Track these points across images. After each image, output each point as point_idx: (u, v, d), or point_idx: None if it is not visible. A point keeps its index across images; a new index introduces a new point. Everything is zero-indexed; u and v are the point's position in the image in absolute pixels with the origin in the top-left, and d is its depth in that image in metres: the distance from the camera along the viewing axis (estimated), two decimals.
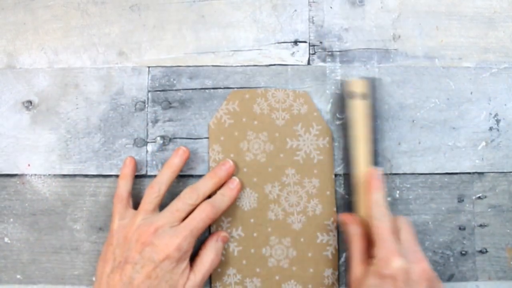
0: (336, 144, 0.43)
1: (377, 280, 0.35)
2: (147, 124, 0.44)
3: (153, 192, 0.39)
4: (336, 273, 0.42)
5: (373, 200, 0.38)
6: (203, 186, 0.40)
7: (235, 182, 0.41)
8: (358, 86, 0.41)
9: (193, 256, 0.40)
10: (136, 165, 0.42)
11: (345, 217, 0.40)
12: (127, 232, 0.38)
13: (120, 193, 0.40)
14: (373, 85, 0.42)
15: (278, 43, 0.44)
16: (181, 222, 0.38)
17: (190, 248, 0.38)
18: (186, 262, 0.38)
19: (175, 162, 0.40)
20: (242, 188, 0.42)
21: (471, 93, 0.44)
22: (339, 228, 0.42)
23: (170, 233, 0.37)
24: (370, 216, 0.38)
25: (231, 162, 0.42)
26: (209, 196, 0.40)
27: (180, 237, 0.37)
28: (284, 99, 0.43)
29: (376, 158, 0.41)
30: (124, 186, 0.40)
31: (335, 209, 0.42)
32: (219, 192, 0.40)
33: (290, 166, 0.42)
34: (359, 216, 0.40)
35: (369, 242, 0.38)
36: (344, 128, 0.42)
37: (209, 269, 0.39)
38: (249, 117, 0.43)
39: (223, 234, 0.41)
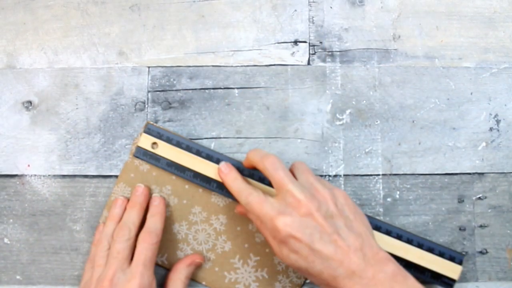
0: (336, 144, 0.43)
1: (284, 246, 0.35)
2: None
3: (102, 247, 0.39)
4: None
5: (231, 191, 0.39)
6: (129, 218, 0.39)
7: (156, 199, 0.41)
8: (149, 138, 0.42)
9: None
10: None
11: (239, 208, 0.40)
12: None
13: (92, 256, 0.40)
14: (155, 128, 0.42)
15: (278, 43, 0.44)
16: (129, 262, 0.37)
17: (151, 279, 0.37)
18: None
19: (116, 212, 0.41)
20: (164, 201, 0.42)
21: (471, 93, 0.44)
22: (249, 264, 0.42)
23: (126, 277, 0.36)
24: (241, 203, 0.38)
25: (142, 185, 0.42)
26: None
27: (137, 276, 0.36)
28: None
29: (214, 160, 0.41)
30: (94, 250, 0.41)
31: (246, 245, 0.42)
32: (148, 216, 0.40)
33: (196, 204, 0.42)
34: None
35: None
36: (176, 169, 0.41)
37: None
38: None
39: (197, 260, 0.41)
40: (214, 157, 0.41)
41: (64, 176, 0.43)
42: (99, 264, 0.38)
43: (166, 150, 0.42)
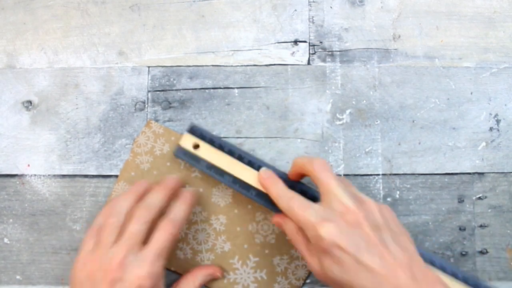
0: (336, 144, 0.43)
1: (326, 257, 0.33)
2: None
3: (112, 223, 0.36)
4: None
5: (273, 197, 0.37)
6: (154, 199, 0.37)
7: (188, 192, 0.39)
8: (192, 138, 0.41)
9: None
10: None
11: (276, 218, 0.38)
12: (90, 271, 0.34)
13: (94, 227, 0.37)
14: (198, 129, 0.41)
15: (278, 43, 0.44)
16: (142, 245, 0.35)
17: (161, 271, 0.35)
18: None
19: (136, 189, 0.39)
20: (196, 197, 0.40)
21: (471, 93, 0.44)
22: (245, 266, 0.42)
23: (137, 261, 0.34)
24: (284, 210, 0.36)
25: (176, 177, 0.40)
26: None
27: (148, 263, 0.34)
28: (145, 142, 0.43)
29: (258, 166, 0.40)
30: (99, 222, 0.38)
31: (246, 246, 0.42)
32: (174, 205, 0.38)
33: (196, 204, 0.42)
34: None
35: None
36: (216, 173, 0.40)
37: None
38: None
39: (217, 273, 0.40)
40: (256, 164, 0.40)
41: (64, 176, 0.43)
42: (108, 240, 0.35)
43: (207, 152, 0.40)
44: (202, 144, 0.41)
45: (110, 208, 0.37)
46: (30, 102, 0.44)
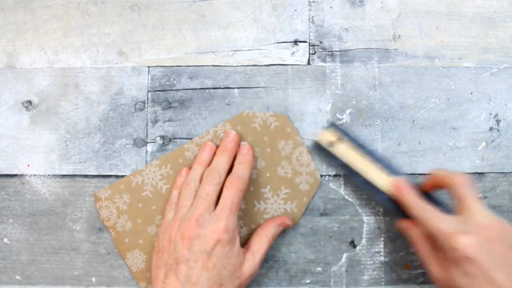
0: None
1: (457, 267, 0.34)
2: (147, 124, 0.44)
3: (189, 189, 0.39)
4: None
5: (407, 207, 0.38)
6: (219, 163, 0.40)
7: (245, 147, 0.41)
8: (330, 135, 0.42)
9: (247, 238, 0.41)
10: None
11: (402, 224, 0.40)
12: (169, 235, 0.37)
13: (173, 198, 0.41)
14: (338, 128, 0.42)
15: (278, 43, 0.44)
16: (215, 205, 0.38)
17: (235, 226, 0.38)
18: (237, 243, 0.38)
19: (204, 157, 0.41)
20: (252, 150, 0.42)
21: (471, 93, 0.44)
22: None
23: (212, 219, 0.37)
24: (417, 218, 0.37)
25: (233, 132, 0.42)
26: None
27: (223, 218, 0.37)
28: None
29: (389, 172, 0.41)
30: (177, 193, 0.41)
31: (268, 174, 0.43)
32: (236, 163, 0.40)
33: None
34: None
35: (433, 239, 0.37)
36: (348, 172, 0.42)
37: (265, 250, 0.39)
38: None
39: (287, 222, 0.41)
40: (390, 170, 0.41)
41: (64, 176, 0.43)
42: (185, 204, 0.38)
43: (343, 151, 0.41)
44: (339, 142, 0.42)
45: (180, 179, 0.41)
46: (30, 102, 0.44)
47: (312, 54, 0.44)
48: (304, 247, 0.43)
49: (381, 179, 0.41)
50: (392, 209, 0.40)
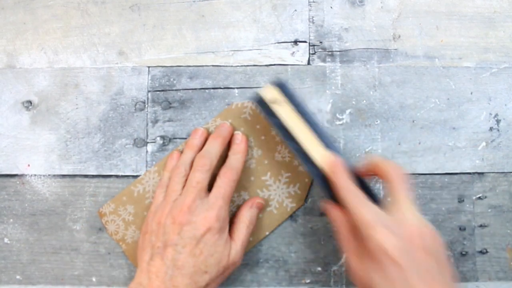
0: (336, 144, 0.43)
1: (371, 261, 0.33)
2: (147, 124, 0.44)
3: (179, 173, 0.39)
4: None
5: (336, 186, 0.36)
6: (211, 148, 0.40)
7: (239, 137, 0.41)
8: (275, 93, 0.39)
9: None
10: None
11: (327, 205, 0.38)
12: (159, 218, 0.37)
13: (164, 181, 0.40)
14: (286, 87, 0.40)
15: (278, 43, 0.44)
16: (206, 192, 0.38)
17: (226, 216, 0.38)
18: (226, 232, 0.38)
19: (195, 142, 0.41)
20: (247, 140, 0.42)
21: (471, 93, 0.44)
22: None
23: (204, 206, 0.37)
24: (344, 201, 0.35)
25: (227, 123, 0.42)
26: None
27: (215, 207, 0.37)
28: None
29: (325, 145, 0.38)
30: (168, 176, 0.41)
31: (266, 161, 0.42)
32: (230, 154, 0.40)
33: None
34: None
35: (356, 228, 0.35)
36: (285, 135, 0.39)
37: (246, 236, 0.39)
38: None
39: (258, 200, 0.41)
40: (328, 145, 0.38)
41: (64, 176, 0.43)
42: (175, 189, 0.38)
43: (286, 112, 0.39)
44: (283, 102, 0.39)
45: (171, 161, 0.41)
46: (30, 102, 0.44)
47: (312, 54, 0.44)
48: (304, 247, 0.43)
49: (316, 152, 0.38)
50: (321, 185, 0.38)
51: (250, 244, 0.42)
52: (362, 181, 0.37)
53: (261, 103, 0.39)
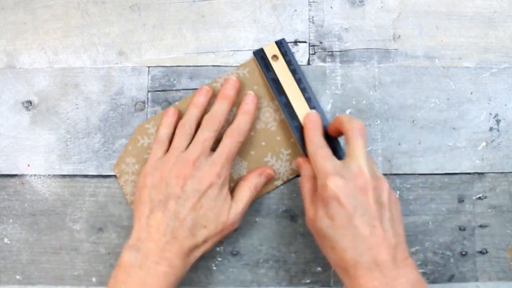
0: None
1: (323, 207, 0.35)
2: None
3: (185, 131, 0.39)
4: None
5: (307, 139, 0.39)
6: (220, 109, 0.40)
7: (250, 97, 0.41)
8: (277, 51, 0.43)
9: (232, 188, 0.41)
10: (180, 117, 0.42)
11: (299, 160, 0.41)
12: (162, 172, 0.38)
13: (161, 137, 0.40)
14: (288, 48, 0.43)
15: None
16: (211, 150, 0.39)
17: (228, 174, 0.39)
18: (227, 189, 0.39)
19: (200, 101, 0.41)
20: (257, 101, 0.42)
21: (471, 93, 0.44)
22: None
23: (208, 163, 0.38)
24: (309, 154, 0.38)
25: (234, 77, 0.42)
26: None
27: (219, 165, 0.38)
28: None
29: (311, 105, 0.41)
30: (165, 132, 0.41)
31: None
32: (238, 113, 0.40)
33: None
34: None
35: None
36: (276, 90, 0.42)
37: (248, 200, 0.40)
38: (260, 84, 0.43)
39: (268, 171, 0.42)
40: (312, 104, 0.42)
41: (64, 176, 0.43)
42: (179, 146, 0.39)
43: (280, 68, 0.42)
44: (281, 59, 0.42)
45: (167, 119, 0.41)
46: (30, 102, 0.44)
47: (312, 54, 0.44)
48: (304, 247, 0.43)
49: (301, 108, 0.41)
50: (299, 141, 0.41)
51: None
52: (333, 140, 0.40)
53: (262, 58, 0.43)
